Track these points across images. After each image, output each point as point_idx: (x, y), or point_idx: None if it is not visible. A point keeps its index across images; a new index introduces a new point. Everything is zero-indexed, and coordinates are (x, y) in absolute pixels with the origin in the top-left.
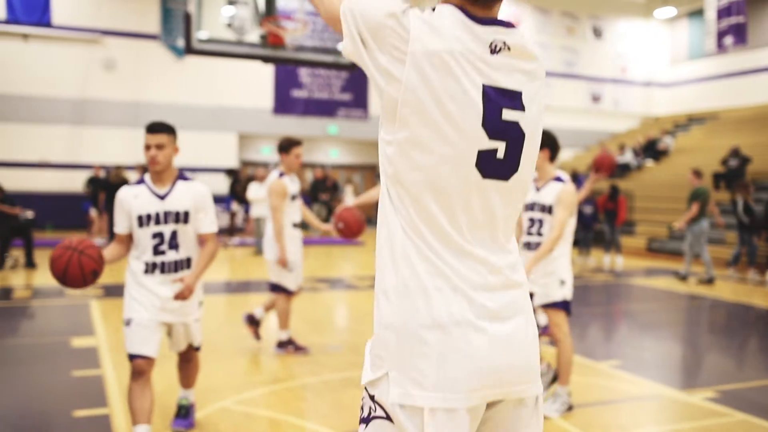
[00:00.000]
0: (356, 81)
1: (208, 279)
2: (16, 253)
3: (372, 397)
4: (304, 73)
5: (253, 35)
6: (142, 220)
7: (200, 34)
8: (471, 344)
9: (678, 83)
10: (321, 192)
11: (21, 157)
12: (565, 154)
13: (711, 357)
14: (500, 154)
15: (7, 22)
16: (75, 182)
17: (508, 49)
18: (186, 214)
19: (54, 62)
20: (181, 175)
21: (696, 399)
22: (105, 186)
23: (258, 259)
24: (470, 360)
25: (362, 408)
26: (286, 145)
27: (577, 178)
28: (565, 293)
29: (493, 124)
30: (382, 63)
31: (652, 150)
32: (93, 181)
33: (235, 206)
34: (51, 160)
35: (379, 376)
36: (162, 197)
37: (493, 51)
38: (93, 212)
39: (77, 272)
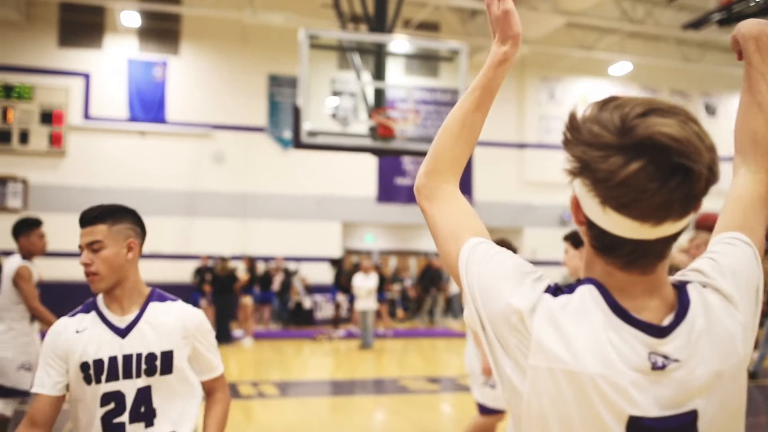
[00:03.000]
0: None
1: (308, 378)
2: None
3: None
4: (407, 161)
5: (362, 127)
6: (89, 372)
7: (305, 125)
8: None
9: None
10: (433, 285)
11: None
12: (680, 239)
13: None
14: None
15: (129, 120)
16: (184, 273)
17: (677, 360)
18: (167, 357)
19: (167, 156)
20: (155, 294)
21: None
22: (211, 278)
23: (363, 354)
24: None
25: None
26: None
27: None
28: None
29: None
30: (503, 366)
31: None
32: (200, 271)
33: (339, 297)
34: (162, 251)
35: None
36: (122, 332)
37: (655, 367)
38: (203, 303)
39: None
